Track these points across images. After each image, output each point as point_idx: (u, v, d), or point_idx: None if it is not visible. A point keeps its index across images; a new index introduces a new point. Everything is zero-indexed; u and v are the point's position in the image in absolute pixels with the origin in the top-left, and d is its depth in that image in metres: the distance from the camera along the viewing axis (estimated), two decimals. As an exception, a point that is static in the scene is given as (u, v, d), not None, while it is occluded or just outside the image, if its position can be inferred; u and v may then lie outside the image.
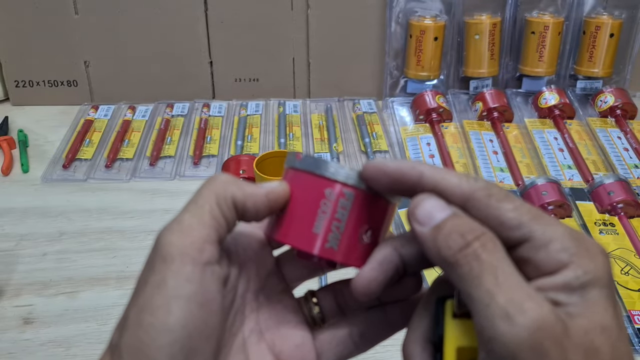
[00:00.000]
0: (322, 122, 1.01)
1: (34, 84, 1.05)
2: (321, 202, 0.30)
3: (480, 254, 0.26)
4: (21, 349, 0.61)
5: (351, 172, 0.30)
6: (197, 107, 1.04)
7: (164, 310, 0.27)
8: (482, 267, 0.25)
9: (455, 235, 0.26)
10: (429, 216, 0.28)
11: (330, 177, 0.30)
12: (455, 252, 0.26)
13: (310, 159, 0.31)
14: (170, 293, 0.27)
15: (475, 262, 0.26)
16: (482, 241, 0.26)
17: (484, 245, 0.26)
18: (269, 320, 0.34)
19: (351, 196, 0.30)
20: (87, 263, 0.72)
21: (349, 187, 0.30)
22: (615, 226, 0.76)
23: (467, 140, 0.93)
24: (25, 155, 0.92)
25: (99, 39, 1.02)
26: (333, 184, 0.30)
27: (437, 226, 0.27)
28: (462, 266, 0.26)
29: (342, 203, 0.30)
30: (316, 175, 0.31)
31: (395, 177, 0.29)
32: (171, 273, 0.28)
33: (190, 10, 1.00)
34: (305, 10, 1.01)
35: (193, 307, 0.27)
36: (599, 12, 1.01)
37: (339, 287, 0.35)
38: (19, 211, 0.80)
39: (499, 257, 0.26)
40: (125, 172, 0.88)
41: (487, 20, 0.99)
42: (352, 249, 0.31)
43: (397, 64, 1.04)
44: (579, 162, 0.89)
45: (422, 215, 0.28)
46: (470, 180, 0.28)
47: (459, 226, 0.27)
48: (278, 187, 0.31)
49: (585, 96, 1.04)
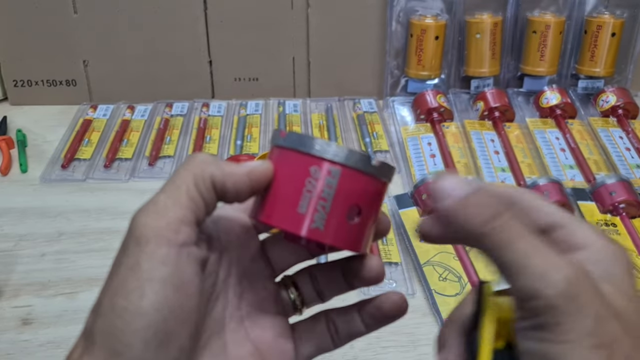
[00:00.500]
0: (322, 121, 1.00)
1: (32, 84, 1.05)
2: (306, 180, 0.29)
3: (512, 224, 0.27)
4: (20, 349, 0.61)
5: (338, 148, 0.29)
6: (197, 107, 1.04)
7: (138, 294, 0.26)
8: (515, 234, 0.26)
9: (485, 206, 0.27)
10: (454, 189, 0.28)
11: (315, 154, 0.29)
12: (487, 221, 0.27)
13: (295, 135, 0.30)
14: (144, 276, 0.27)
15: (508, 229, 0.27)
16: (513, 212, 0.27)
17: (516, 216, 0.27)
18: (250, 307, 0.33)
19: (337, 174, 0.29)
20: (86, 263, 0.71)
21: (335, 165, 0.29)
22: (617, 226, 0.76)
23: (468, 140, 0.93)
24: (24, 155, 0.92)
25: (98, 38, 1.02)
26: (318, 161, 0.29)
27: (464, 198, 0.28)
28: (495, 234, 0.27)
29: (328, 181, 0.29)
30: (301, 152, 0.30)
31: None
32: (145, 255, 0.27)
33: (189, 9, 1.00)
34: (305, 9, 1.01)
35: (168, 290, 0.27)
36: (600, 11, 1.00)
37: (316, 272, 0.35)
38: (18, 211, 0.80)
39: (528, 227, 0.27)
40: (124, 172, 0.88)
41: (488, 20, 0.99)
42: (340, 230, 0.30)
43: (397, 63, 1.03)
44: (580, 162, 0.88)
45: (447, 188, 0.28)
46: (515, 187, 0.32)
47: (488, 198, 0.28)
48: (260, 166, 0.30)
49: (586, 96, 1.04)
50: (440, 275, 0.69)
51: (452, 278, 0.68)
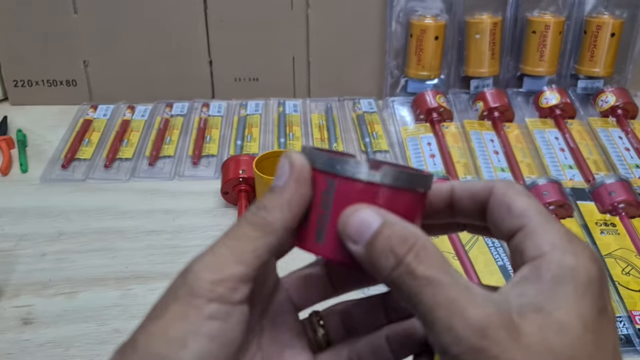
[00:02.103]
0: (322, 121, 1.00)
1: (32, 84, 1.05)
2: (317, 196, 0.29)
3: (414, 268, 0.25)
4: (20, 349, 0.61)
5: (336, 159, 0.28)
6: (197, 107, 1.04)
7: (180, 344, 0.25)
8: (418, 283, 0.24)
9: (387, 252, 0.25)
10: (359, 232, 0.26)
11: (316, 166, 0.29)
12: (390, 272, 0.25)
13: (307, 150, 0.30)
14: (190, 328, 0.25)
15: (411, 279, 0.25)
16: (415, 252, 0.25)
17: (418, 256, 0.25)
18: (272, 346, 0.32)
19: (333, 184, 0.28)
20: (87, 263, 0.72)
21: (329, 175, 0.28)
22: (616, 226, 0.76)
23: (468, 140, 0.93)
24: (24, 155, 0.92)
25: (98, 38, 1.02)
26: (316, 173, 0.29)
27: (369, 243, 0.26)
28: (399, 285, 0.25)
29: (326, 192, 0.28)
30: (314, 169, 0.29)
31: None
32: (195, 308, 0.26)
33: (189, 9, 1.00)
34: (305, 10, 1.01)
35: (213, 346, 0.26)
36: (600, 11, 1.00)
37: (347, 308, 0.34)
38: (18, 211, 0.80)
39: (435, 265, 0.25)
40: (125, 172, 0.88)
41: (487, 20, 0.99)
42: (337, 243, 0.28)
43: (397, 63, 1.04)
44: (580, 162, 0.88)
45: (352, 232, 0.27)
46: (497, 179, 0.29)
47: (389, 239, 0.25)
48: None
49: (586, 96, 1.04)
50: None
51: None
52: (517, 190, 0.28)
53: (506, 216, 0.28)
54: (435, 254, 0.25)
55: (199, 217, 0.79)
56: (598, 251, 0.72)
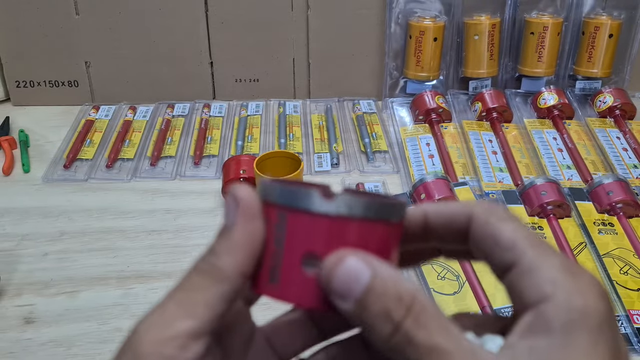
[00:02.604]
0: (322, 122, 1.01)
1: (35, 84, 1.05)
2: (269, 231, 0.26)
3: (413, 336, 0.22)
4: (22, 348, 0.61)
5: (288, 189, 0.25)
6: (198, 108, 1.05)
7: None
8: (419, 352, 0.22)
9: (382, 316, 0.22)
10: (347, 287, 0.23)
11: (267, 199, 0.26)
12: (387, 339, 0.23)
13: (262, 183, 0.27)
14: None
15: (411, 347, 0.22)
16: (414, 315, 0.22)
17: (417, 320, 0.22)
18: None
19: (284, 218, 0.25)
20: (88, 263, 0.72)
21: (279, 208, 0.25)
22: (614, 226, 0.76)
23: (467, 140, 0.94)
24: (27, 155, 0.92)
25: (100, 39, 1.02)
26: (267, 207, 0.26)
27: (359, 301, 0.23)
28: (398, 352, 0.23)
29: (278, 227, 0.25)
30: (263, 201, 0.26)
31: None
32: None
33: (190, 10, 1.01)
34: (305, 11, 1.01)
35: None
36: (598, 12, 1.01)
37: (332, 351, 0.30)
38: (20, 211, 0.81)
39: (436, 329, 0.22)
40: (126, 172, 0.89)
41: (486, 21, 0.99)
42: (292, 283, 0.25)
43: (396, 64, 1.04)
44: (578, 162, 0.89)
45: (339, 287, 0.23)
46: (475, 201, 0.26)
47: (383, 298, 0.23)
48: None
49: (584, 96, 1.05)
50: (439, 274, 0.69)
51: (450, 277, 0.69)
52: (499, 216, 0.25)
53: (494, 249, 0.25)
54: (435, 314, 0.23)
55: (200, 216, 0.80)
56: (596, 251, 0.73)
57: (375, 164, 0.91)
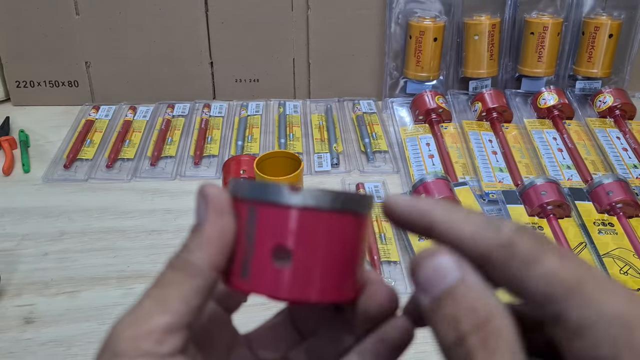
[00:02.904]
0: (322, 122, 1.01)
1: (35, 85, 1.05)
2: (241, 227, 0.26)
3: (474, 356, 0.20)
4: (22, 348, 0.61)
5: (256, 185, 0.26)
6: (198, 108, 1.05)
7: None
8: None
9: (449, 323, 0.21)
10: (431, 282, 0.22)
11: (237, 195, 0.26)
12: (448, 348, 0.21)
13: (232, 182, 0.28)
14: None
15: None
16: (483, 334, 0.20)
17: (484, 341, 0.20)
18: None
19: (253, 212, 0.26)
20: (88, 263, 0.72)
21: (249, 202, 0.26)
22: (614, 226, 0.76)
23: (467, 140, 0.94)
24: (27, 155, 0.92)
25: (100, 39, 1.02)
26: (237, 203, 0.26)
27: (437, 300, 0.22)
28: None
29: (248, 222, 0.26)
30: (233, 198, 0.27)
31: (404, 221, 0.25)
32: None
33: (190, 10, 1.01)
34: (306, 11, 1.01)
35: None
36: (598, 12, 1.01)
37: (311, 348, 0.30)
38: (20, 211, 0.81)
39: (501, 357, 0.20)
40: (126, 172, 0.89)
41: (486, 21, 0.99)
42: (262, 276, 0.25)
43: (396, 64, 1.04)
44: (578, 162, 0.89)
45: (424, 279, 0.23)
46: (489, 229, 0.22)
47: (458, 306, 0.21)
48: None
49: (584, 96, 1.05)
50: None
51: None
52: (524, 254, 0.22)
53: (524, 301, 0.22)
54: (509, 344, 0.20)
55: (199, 217, 0.80)
56: (596, 251, 0.73)
57: (375, 164, 0.91)
